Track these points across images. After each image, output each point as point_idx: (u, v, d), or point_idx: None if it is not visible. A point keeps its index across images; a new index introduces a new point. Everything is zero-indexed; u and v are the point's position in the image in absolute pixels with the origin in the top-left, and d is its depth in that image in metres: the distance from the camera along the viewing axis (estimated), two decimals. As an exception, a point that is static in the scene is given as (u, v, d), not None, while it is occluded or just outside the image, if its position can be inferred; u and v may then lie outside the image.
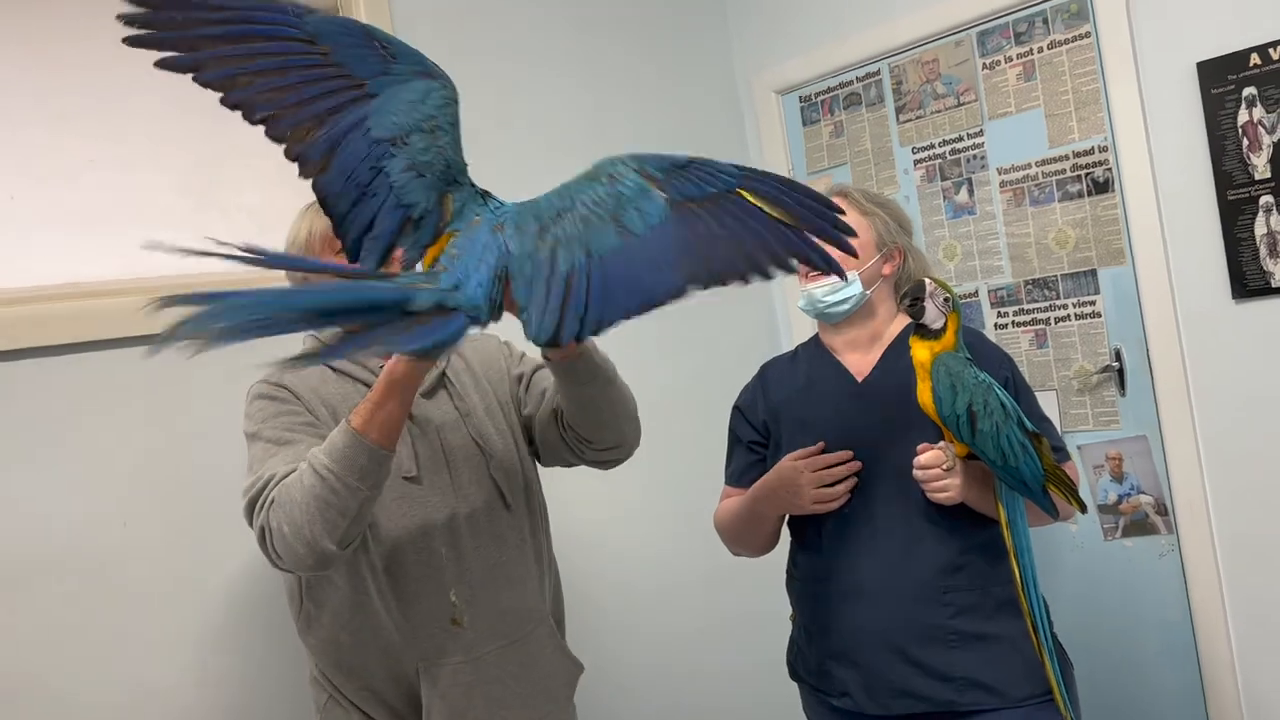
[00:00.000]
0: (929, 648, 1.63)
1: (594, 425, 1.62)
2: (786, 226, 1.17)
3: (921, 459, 1.61)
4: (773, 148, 2.95)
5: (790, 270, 1.18)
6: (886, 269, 1.78)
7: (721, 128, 2.96)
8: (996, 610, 1.65)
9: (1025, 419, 1.60)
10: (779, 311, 2.99)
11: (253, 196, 2.07)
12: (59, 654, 1.77)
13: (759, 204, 1.18)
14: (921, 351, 1.59)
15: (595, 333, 1.18)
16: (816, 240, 1.19)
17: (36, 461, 1.79)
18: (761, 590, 2.13)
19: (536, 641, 1.67)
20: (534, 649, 1.66)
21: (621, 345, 2.55)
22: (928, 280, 1.61)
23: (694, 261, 1.16)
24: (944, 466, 1.60)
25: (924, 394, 1.60)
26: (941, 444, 1.61)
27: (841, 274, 1.23)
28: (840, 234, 1.20)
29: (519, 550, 1.66)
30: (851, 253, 1.20)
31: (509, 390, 1.74)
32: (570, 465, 1.72)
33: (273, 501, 1.42)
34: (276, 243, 1.65)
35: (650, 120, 2.78)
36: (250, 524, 1.47)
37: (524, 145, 2.52)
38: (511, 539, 1.65)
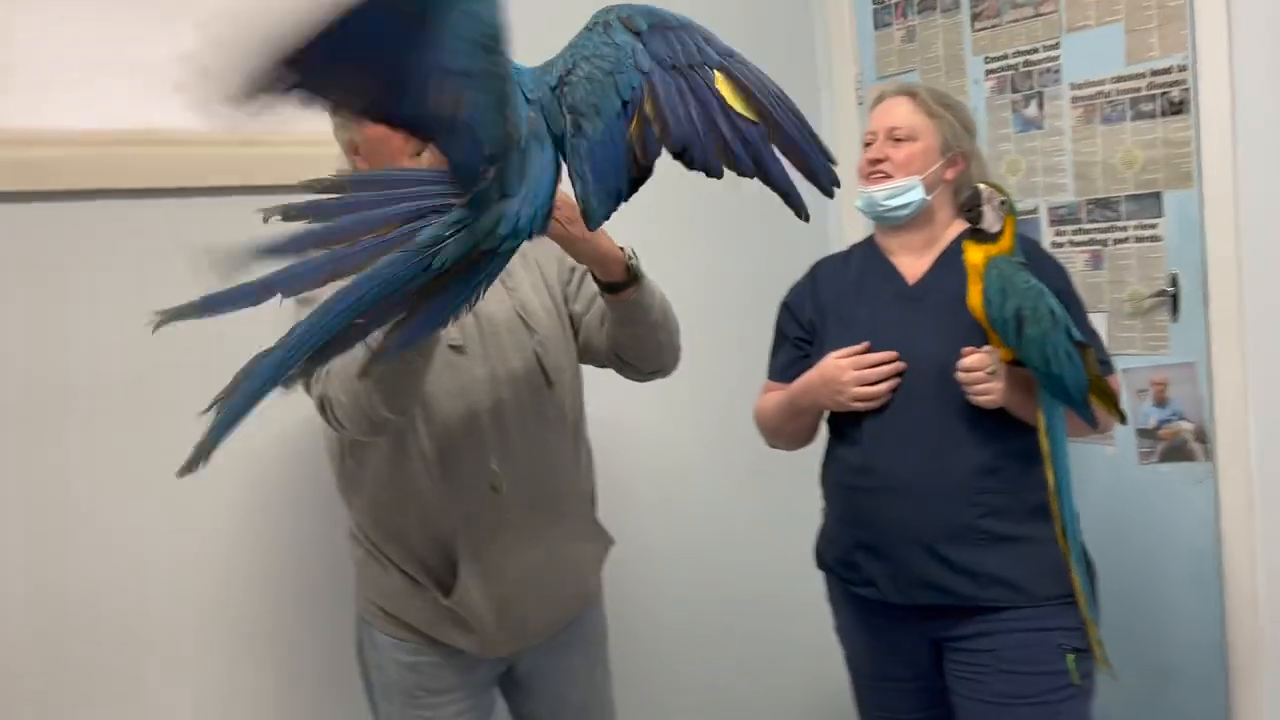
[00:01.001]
0: (958, 545, 1.67)
1: (639, 355, 1.69)
2: (755, 127, 1.10)
3: (966, 361, 1.63)
4: (841, 49, 2.91)
5: (714, 174, 1.11)
6: (949, 174, 1.77)
7: (787, 25, 2.91)
8: (1027, 515, 1.68)
9: (1073, 329, 1.61)
10: (830, 211, 2.97)
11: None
12: (103, 487, 1.84)
13: (725, 93, 1.12)
14: (975, 254, 1.60)
15: (626, 198, 1.19)
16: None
17: (103, 299, 1.84)
18: (795, 482, 2.18)
19: (571, 514, 1.73)
20: (568, 521, 1.72)
21: (668, 236, 2.59)
22: (984, 186, 1.60)
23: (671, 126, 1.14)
24: (988, 370, 1.62)
25: (974, 296, 1.61)
26: (987, 348, 1.63)
27: (799, 210, 1.09)
28: (824, 160, 1.10)
29: (559, 425, 1.70)
30: (827, 192, 1.09)
31: (557, 273, 1.76)
32: (603, 368, 1.77)
33: (329, 372, 1.47)
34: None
35: (714, 10, 2.73)
36: (308, 392, 1.53)
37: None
38: (552, 414, 1.69)
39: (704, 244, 2.70)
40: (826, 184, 1.10)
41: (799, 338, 1.88)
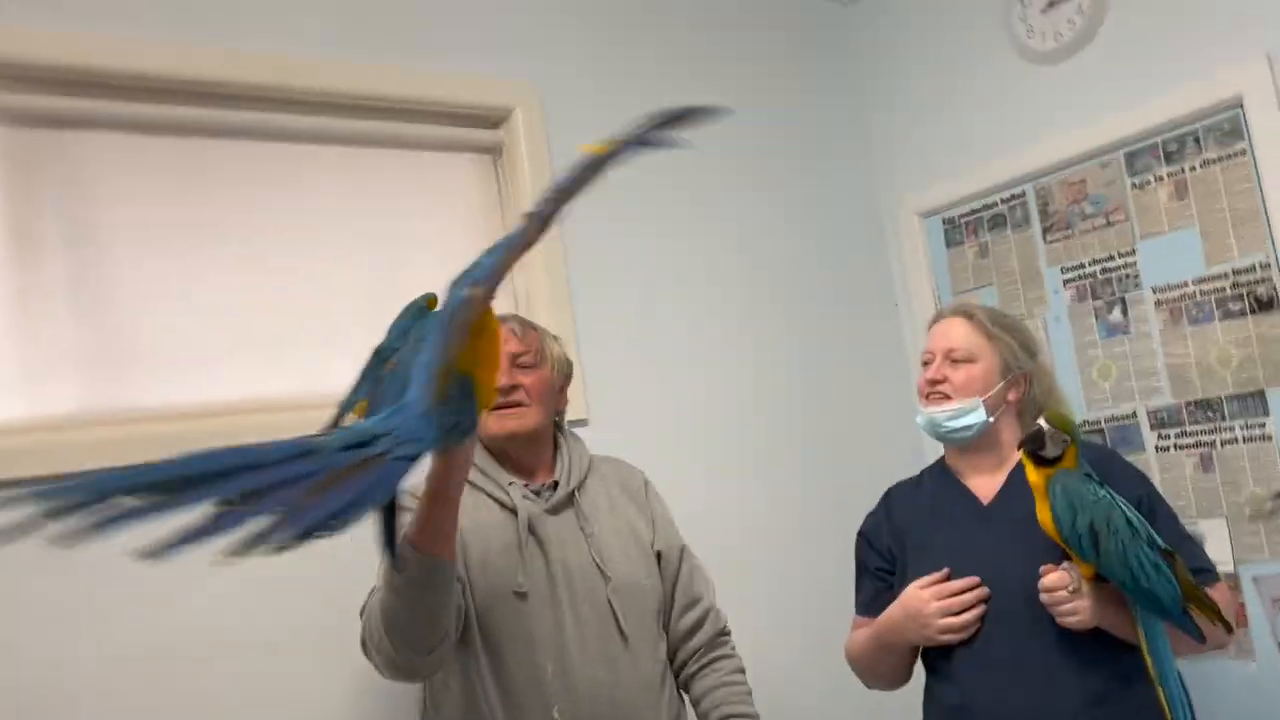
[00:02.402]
0: None
1: None
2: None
3: (1045, 581, 1.56)
4: (917, 270, 2.96)
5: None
6: (1011, 395, 1.76)
7: (865, 252, 3.00)
8: None
9: (1156, 536, 1.54)
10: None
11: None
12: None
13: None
14: (1035, 474, 1.57)
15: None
16: None
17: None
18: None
19: None
20: None
21: (762, 461, 2.59)
22: (1044, 424, 1.58)
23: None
24: (1069, 589, 1.55)
25: (1043, 514, 1.56)
26: (1066, 564, 1.56)
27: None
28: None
29: (632, 676, 1.66)
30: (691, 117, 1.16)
31: (646, 525, 1.79)
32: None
33: (365, 615, 1.54)
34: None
35: (795, 248, 2.84)
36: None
37: (666, 277, 2.61)
38: (624, 664, 1.66)
39: (797, 463, 2.69)
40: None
41: (879, 568, 1.83)
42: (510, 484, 1.73)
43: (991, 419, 1.73)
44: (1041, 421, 1.58)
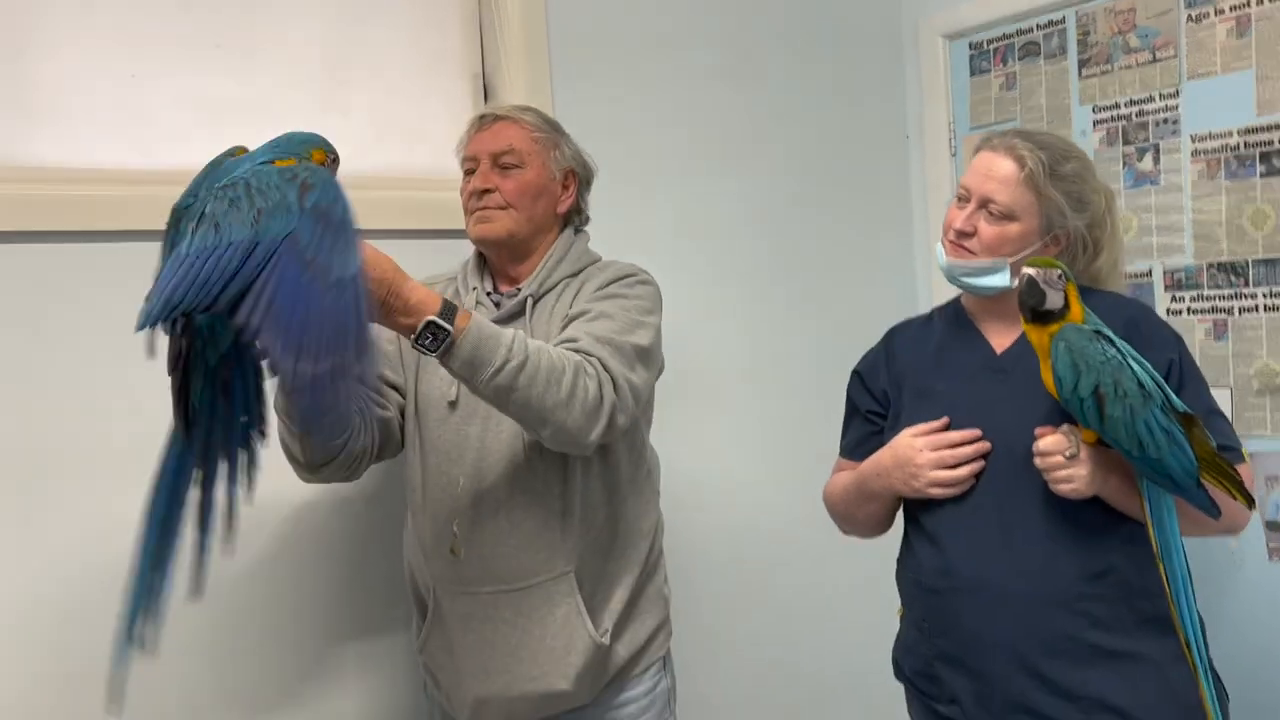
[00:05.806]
0: (1057, 661, 1.44)
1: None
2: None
3: (1040, 444, 1.41)
4: (934, 97, 2.71)
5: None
6: (1050, 253, 1.55)
7: (877, 73, 2.73)
8: (1140, 625, 1.44)
9: (1174, 399, 1.37)
10: (920, 278, 2.75)
11: (372, 98, 2.00)
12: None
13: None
14: (1037, 333, 1.39)
15: (167, 316, 1.15)
16: None
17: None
18: (872, 576, 1.96)
19: (543, 597, 1.59)
20: (538, 604, 1.59)
21: (748, 290, 2.41)
22: (1031, 270, 1.38)
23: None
24: (1066, 453, 1.40)
25: (1046, 374, 1.39)
26: (1065, 427, 1.41)
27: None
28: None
29: (539, 499, 1.58)
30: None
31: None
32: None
33: None
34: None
35: (801, 61, 2.57)
36: None
37: (656, 89, 2.35)
38: (535, 486, 1.58)
39: (782, 305, 2.51)
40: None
41: (871, 411, 1.67)
42: (473, 289, 1.68)
43: (1015, 284, 1.52)
44: (1027, 270, 1.38)
